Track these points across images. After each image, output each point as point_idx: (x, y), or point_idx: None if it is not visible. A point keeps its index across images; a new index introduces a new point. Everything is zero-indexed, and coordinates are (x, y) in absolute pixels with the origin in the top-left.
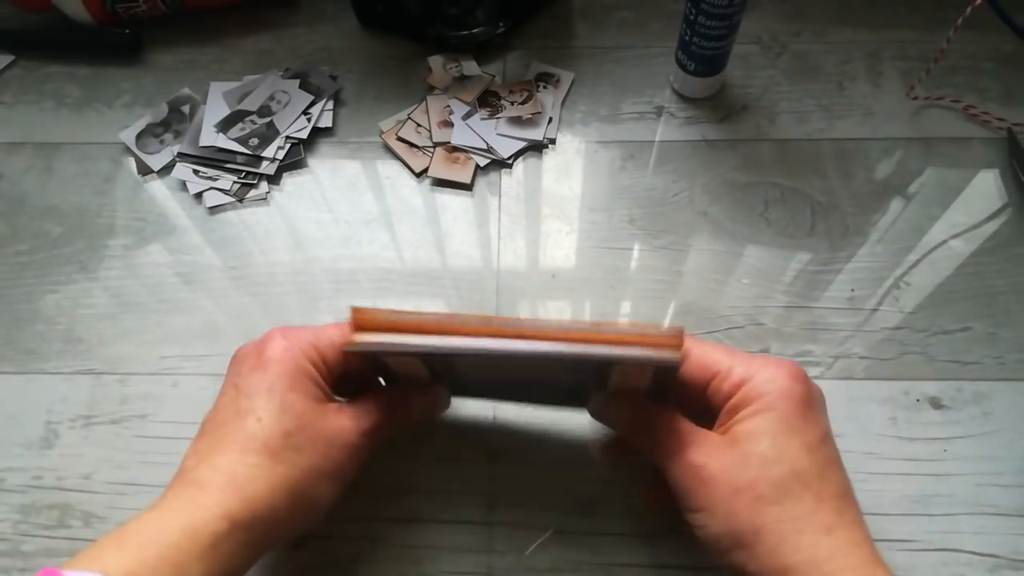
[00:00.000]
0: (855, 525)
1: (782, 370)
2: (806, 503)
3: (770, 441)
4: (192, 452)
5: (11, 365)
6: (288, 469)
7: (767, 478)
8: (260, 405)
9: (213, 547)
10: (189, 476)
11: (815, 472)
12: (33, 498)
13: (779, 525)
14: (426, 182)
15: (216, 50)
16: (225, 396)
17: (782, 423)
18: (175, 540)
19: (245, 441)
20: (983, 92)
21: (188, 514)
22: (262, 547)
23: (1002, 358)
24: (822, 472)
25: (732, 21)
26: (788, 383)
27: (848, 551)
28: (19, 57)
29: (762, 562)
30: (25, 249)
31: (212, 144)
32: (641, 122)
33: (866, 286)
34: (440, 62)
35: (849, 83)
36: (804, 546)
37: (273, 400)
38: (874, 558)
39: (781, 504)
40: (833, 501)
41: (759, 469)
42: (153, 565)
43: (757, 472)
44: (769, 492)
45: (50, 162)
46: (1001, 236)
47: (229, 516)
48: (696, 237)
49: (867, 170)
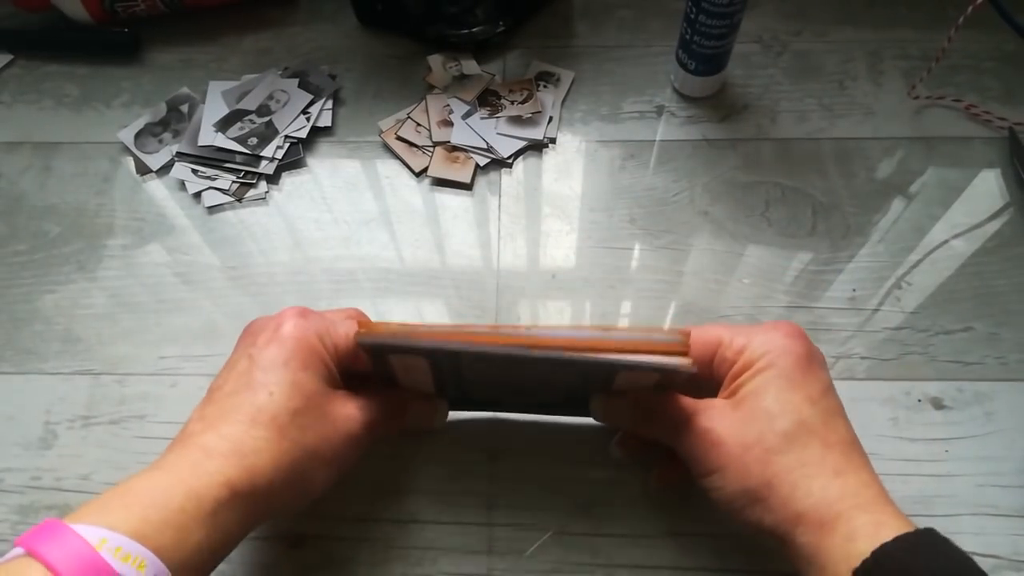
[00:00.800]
0: (864, 468)
1: (779, 330)
2: (814, 449)
3: (774, 395)
4: (198, 417)
5: (9, 365)
6: (291, 446)
7: (774, 430)
8: (273, 380)
9: (213, 514)
10: (194, 440)
11: (820, 421)
12: (32, 499)
13: (789, 474)
14: (426, 182)
15: (215, 49)
16: (238, 366)
17: (783, 378)
18: (179, 503)
19: (255, 414)
20: (984, 91)
21: (193, 479)
22: (254, 519)
23: (1004, 358)
24: (826, 420)
25: (733, 20)
26: (786, 341)
27: (858, 491)
28: (18, 56)
29: (777, 513)
30: (23, 249)
31: (211, 143)
32: (642, 121)
33: (867, 286)
34: (440, 61)
35: (850, 82)
36: (815, 490)
37: (287, 376)
38: (884, 496)
39: (789, 453)
40: (840, 446)
41: (765, 423)
42: (157, 526)
43: (764, 426)
44: (777, 443)
45: (49, 161)
46: (1003, 236)
47: (231, 485)
48: (697, 237)
49: (868, 169)
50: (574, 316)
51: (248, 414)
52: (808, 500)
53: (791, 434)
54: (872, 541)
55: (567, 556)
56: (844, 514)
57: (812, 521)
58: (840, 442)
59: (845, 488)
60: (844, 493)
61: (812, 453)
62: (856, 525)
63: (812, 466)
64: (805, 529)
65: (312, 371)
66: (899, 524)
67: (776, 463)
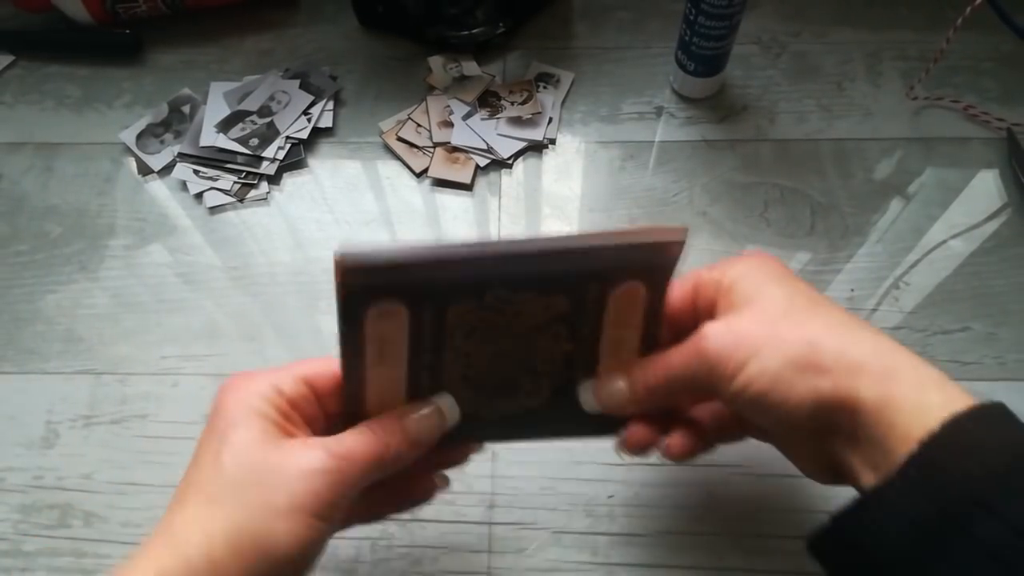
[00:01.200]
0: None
1: (754, 256)
2: (837, 312)
3: (773, 287)
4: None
5: (11, 365)
6: (229, 511)
7: (794, 303)
8: (201, 453)
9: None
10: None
11: (824, 299)
12: (34, 498)
13: (831, 329)
14: (426, 182)
15: (216, 50)
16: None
17: (774, 279)
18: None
19: (183, 491)
20: (983, 92)
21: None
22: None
23: (1001, 358)
24: (829, 302)
25: (732, 21)
26: (762, 258)
27: (904, 350)
28: (19, 57)
29: (833, 372)
30: (25, 249)
31: (212, 144)
32: (641, 122)
33: (865, 286)
34: (440, 62)
35: (849, 83)
36: (866, 340)
37: (212, 445)
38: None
39: (821, 314)
40: (859, 321)
41: (784, 301)
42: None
43: (783, 303)
44: (805, 305)
45: (50, 162)
46: (1001, 236)
47: (162, 572)
48: (696, 237)
49: (867, 170)
50: None
51: (180, 494)
52: (863, 348)
53: (814, 299)
54: (944, 396)
55: (567, 555)
56: (904, 365)
57: (875, 371)
58: (856, 318)
59: (893, 344)
60: (895, 348)
61: (840, 314)
62: (923, 376)
63: (850, 324)
64: (870, 381)
65: (244, 428)
66: (961, 391)
67: (813, 322)
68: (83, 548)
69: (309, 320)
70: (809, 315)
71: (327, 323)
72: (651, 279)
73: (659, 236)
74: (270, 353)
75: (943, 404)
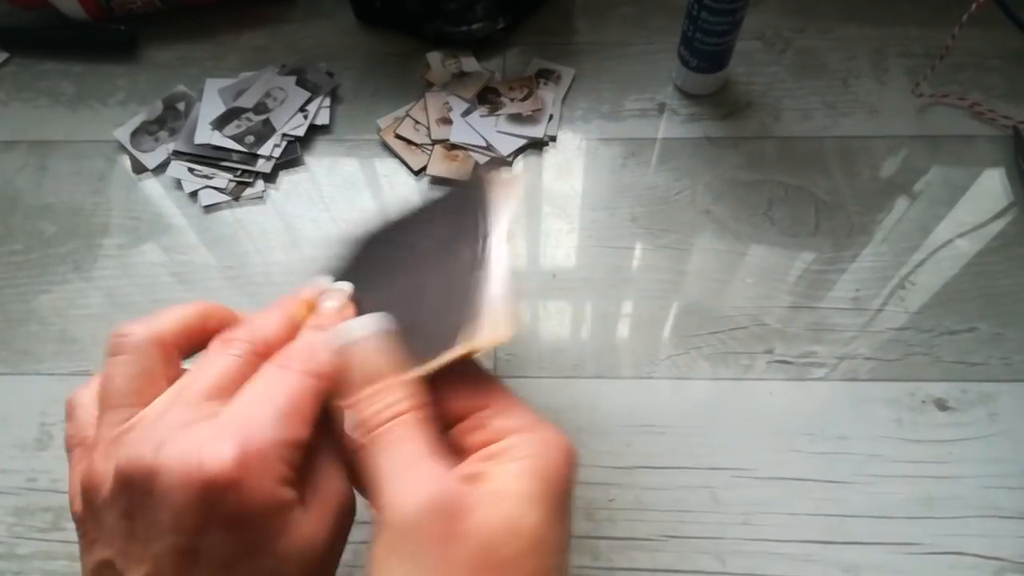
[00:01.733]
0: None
1: (550, 438)
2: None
3: (535, 510)
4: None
5: (5, 366)
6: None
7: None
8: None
9: None
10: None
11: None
12: (27, 500)
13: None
14: (424, 180)
15: (211, 47)
16: None
17: (542, 498)
18: None
19: None
20: (989, 89)
21: None
22: None
23: (1008, 359)
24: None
25: (735, 17)
26: (550, 452)
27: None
28: (13, 54)
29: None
30: (19, 248)
31: (207, 142)
32: (643, 119)
33: (871, 286)
34: (439, 58)
35: (854, 80)
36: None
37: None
38: None
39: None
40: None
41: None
42: None
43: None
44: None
45: (44, 160)
46: (1007, 235)
47: None
48: (699, 236)
49: (872, 168)
50: (574, 316)
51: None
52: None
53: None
54: None
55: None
56: None
57: None
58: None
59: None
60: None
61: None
62: None
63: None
64: None
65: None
66: None
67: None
68: (77, 552)
69: None
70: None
71: None
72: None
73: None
74: None
75: None
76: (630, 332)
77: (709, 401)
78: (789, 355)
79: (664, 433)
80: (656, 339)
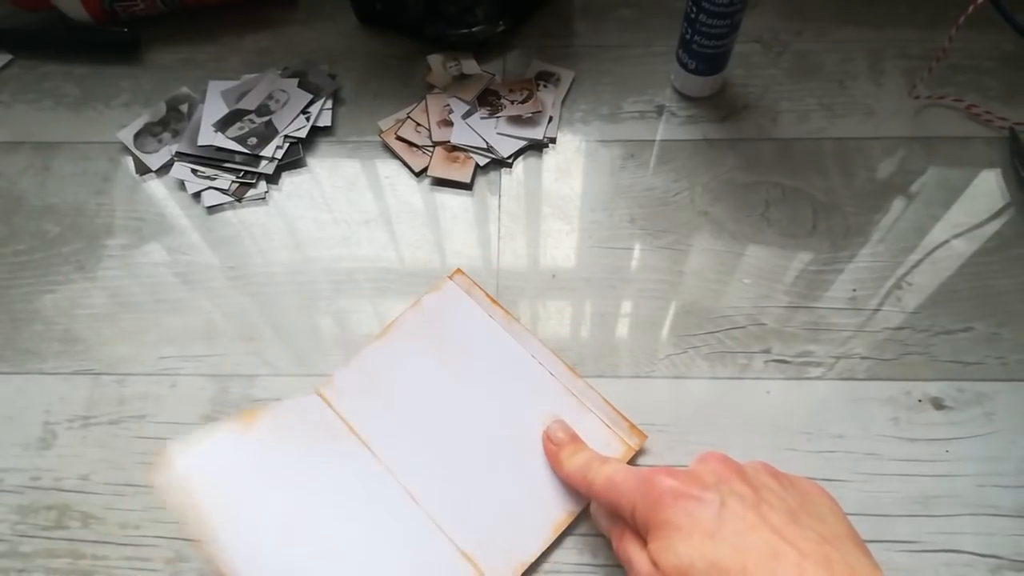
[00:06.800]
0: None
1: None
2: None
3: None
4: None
5: (9, 365)
6: None
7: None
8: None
9: None
10: None
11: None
12: (31, 499)
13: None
14: (425, 181)
15: (214, 49)
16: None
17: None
18: None
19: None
20: (985, 91)
21: None
22: None
23: (1004, 358)
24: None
25: (733, 20)
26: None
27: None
28: (17, 56)
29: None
30: (23, 249)
31: (210, 143)
32: (642, 121)
33: (868, 286)
34: (439, 61)
35: (851, 82)
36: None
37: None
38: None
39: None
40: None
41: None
42: None
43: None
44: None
45: (48, 161)
46: (1003, 236)
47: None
48: (697, 237)
49: (869, 169)
50: (574, 316)
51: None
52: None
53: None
54: None
55: (567, 557)
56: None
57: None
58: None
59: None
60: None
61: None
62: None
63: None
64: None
65: None
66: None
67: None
68: (81, 549)
69: (307, 320)
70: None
71: (326, 323)
72: None
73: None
74: (268, 353)
75: None
76: (629, 332)
77: (707, 400)
78: (786, 354)
79: (663, 431)
80: (655, 339)
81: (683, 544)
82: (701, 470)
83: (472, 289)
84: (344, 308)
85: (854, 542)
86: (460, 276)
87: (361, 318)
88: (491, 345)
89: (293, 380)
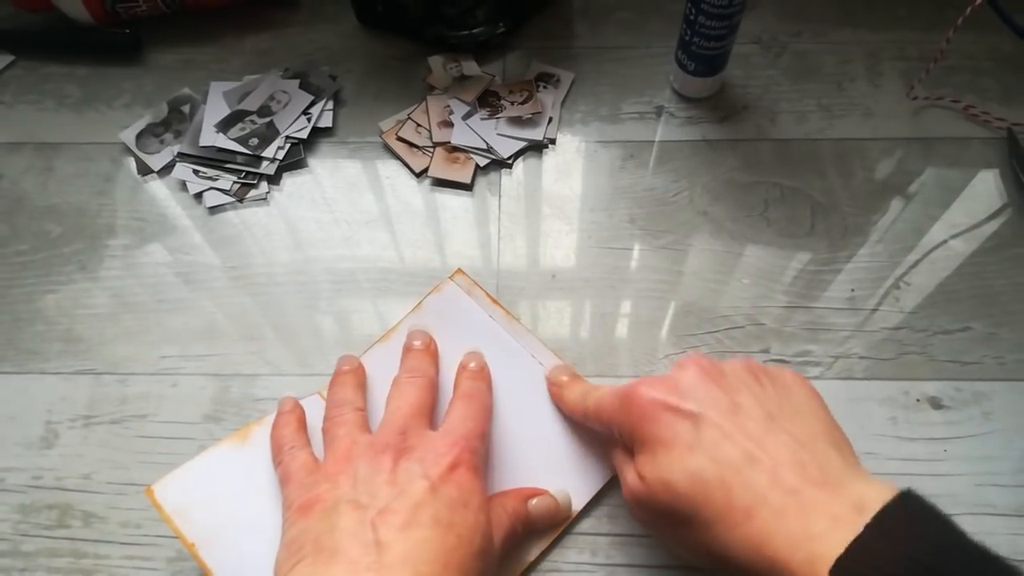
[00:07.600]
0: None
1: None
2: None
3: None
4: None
5: (11, 365)
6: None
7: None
8: None
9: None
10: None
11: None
12: (33, 498)
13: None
14: (426, 182)
15: (216, 50)
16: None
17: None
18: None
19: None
20: (983, 92)
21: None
22: None
23: (1002, 358)
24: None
25: (732, 21)
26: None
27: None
28: (19, 57)
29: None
30: (25, 249)
31: (212, 144)
32: (641, 122)
33: (866, 286)
34: (440, 62)
35: (849, 83)
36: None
37: None
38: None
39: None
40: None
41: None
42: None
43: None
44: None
45: (50, 162)
46: (1001, 236)
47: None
48: (696, 237)
49: (867, 170)
50: (574, 316)
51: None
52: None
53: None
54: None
55: (567, 556)
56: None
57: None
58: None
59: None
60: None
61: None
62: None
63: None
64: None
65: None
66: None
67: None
68: (82, 548)
69: (309, 320)
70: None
71: (327, 323)
72: None
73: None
74: (270, 353)
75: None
76: (629, 331)
77: None
78: (785, 354)
79: None
80: (654, 338)
81: (665, 457)
82: (680, 377)
83: (473, 289)
84: (345, 308)
85: (828, 439)
86: (461, 276)
87: (362, 318)
88: (492, 345)
89: (294, 380)
